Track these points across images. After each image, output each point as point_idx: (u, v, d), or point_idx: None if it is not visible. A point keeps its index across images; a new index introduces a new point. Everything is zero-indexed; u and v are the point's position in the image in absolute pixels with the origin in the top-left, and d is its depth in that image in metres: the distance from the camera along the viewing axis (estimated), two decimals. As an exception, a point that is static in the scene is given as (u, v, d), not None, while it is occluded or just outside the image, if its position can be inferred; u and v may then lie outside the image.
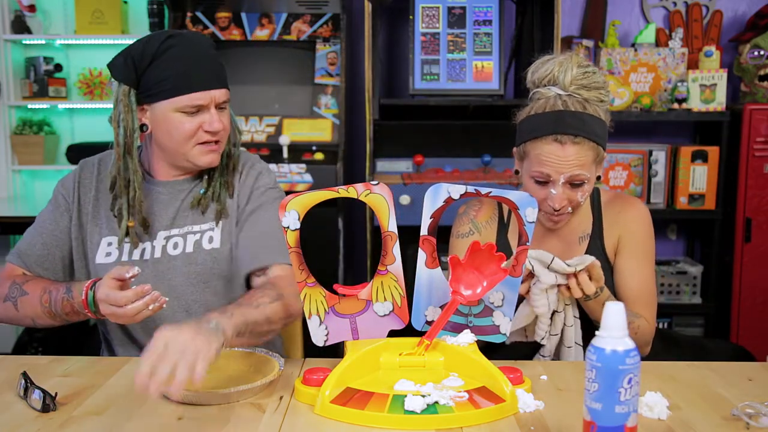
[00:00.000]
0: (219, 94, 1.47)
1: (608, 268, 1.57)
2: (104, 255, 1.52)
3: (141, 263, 1.50)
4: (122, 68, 1.45)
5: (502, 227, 1.63)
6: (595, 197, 1.62)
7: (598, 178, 1.54)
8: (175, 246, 1.53)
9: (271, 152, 2.93)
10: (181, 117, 1.45)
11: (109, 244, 1.52)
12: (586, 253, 1.56)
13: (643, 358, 0.94)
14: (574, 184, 1.46)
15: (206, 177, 1.55)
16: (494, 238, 1.62)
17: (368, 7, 2.85)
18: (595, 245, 1.57)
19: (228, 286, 1.54)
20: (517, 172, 1.57)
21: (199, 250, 1.52)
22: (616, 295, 1.55)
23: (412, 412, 1.09)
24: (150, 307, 1.24)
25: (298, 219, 1.24)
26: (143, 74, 1.44)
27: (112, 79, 1.48)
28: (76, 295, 1.36)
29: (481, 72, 3.01)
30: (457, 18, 3.02)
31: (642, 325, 1.50)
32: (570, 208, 1.50)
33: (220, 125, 1.47)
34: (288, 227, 1.23)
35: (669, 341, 1.54)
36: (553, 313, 1.44)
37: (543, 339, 1.45)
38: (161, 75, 1.43)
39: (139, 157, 1.52)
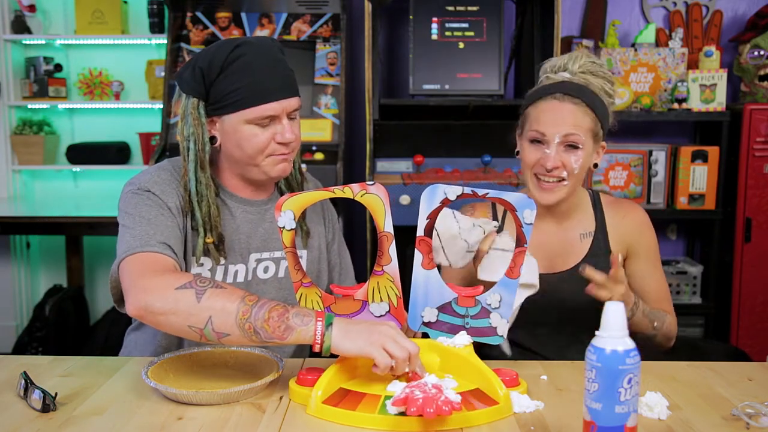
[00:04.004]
0: (290, 104, 1.41)
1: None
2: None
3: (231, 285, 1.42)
4: (190, 80, 1.39)
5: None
6: (596, 198, 1.63)
7: (596, 165, 1.55)
8: (266, 270, 1.50)
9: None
10: (253, 129, 1.39)
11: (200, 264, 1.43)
12: (590, 250, 1.57)
13: (642, 358, 0.94)
14: (569, 146, 1.48)
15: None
16: None
17: (368, 7, 2.85)
18: (599, 245, 1.58)
19: None
20: (517, 153, 1.58)
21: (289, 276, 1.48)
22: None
23: (401, 413, 1.08)
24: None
25: (294, 219, 1.23)
26: (212, 86, 1.38)
27: (179, 92, 1.41)
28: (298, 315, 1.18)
29: (481, 72, 3.01)
30: (457, 18, 3.02)
31: (672, 321, 1.57)
32: (565, 174, 1.48)
33: (292, 136, 1.41)
34: (284, 227, 1.23)
35: None
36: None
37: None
38: (231, 86, 1.37)
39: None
